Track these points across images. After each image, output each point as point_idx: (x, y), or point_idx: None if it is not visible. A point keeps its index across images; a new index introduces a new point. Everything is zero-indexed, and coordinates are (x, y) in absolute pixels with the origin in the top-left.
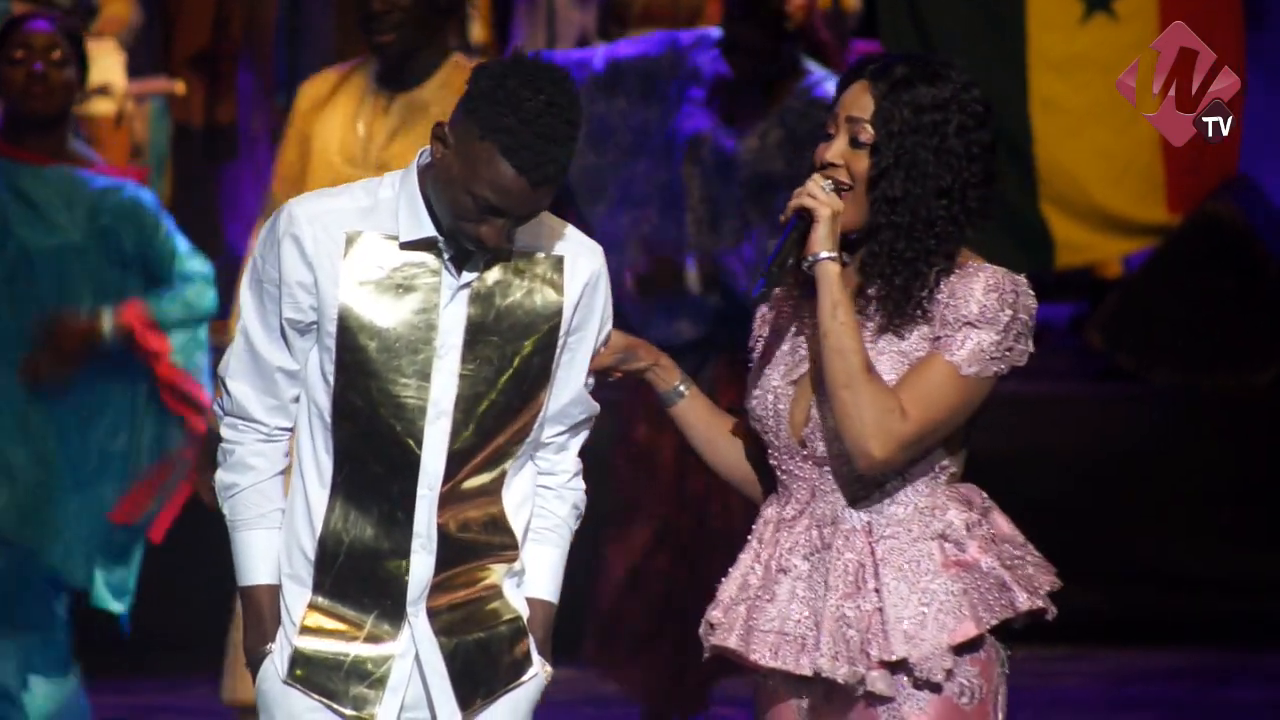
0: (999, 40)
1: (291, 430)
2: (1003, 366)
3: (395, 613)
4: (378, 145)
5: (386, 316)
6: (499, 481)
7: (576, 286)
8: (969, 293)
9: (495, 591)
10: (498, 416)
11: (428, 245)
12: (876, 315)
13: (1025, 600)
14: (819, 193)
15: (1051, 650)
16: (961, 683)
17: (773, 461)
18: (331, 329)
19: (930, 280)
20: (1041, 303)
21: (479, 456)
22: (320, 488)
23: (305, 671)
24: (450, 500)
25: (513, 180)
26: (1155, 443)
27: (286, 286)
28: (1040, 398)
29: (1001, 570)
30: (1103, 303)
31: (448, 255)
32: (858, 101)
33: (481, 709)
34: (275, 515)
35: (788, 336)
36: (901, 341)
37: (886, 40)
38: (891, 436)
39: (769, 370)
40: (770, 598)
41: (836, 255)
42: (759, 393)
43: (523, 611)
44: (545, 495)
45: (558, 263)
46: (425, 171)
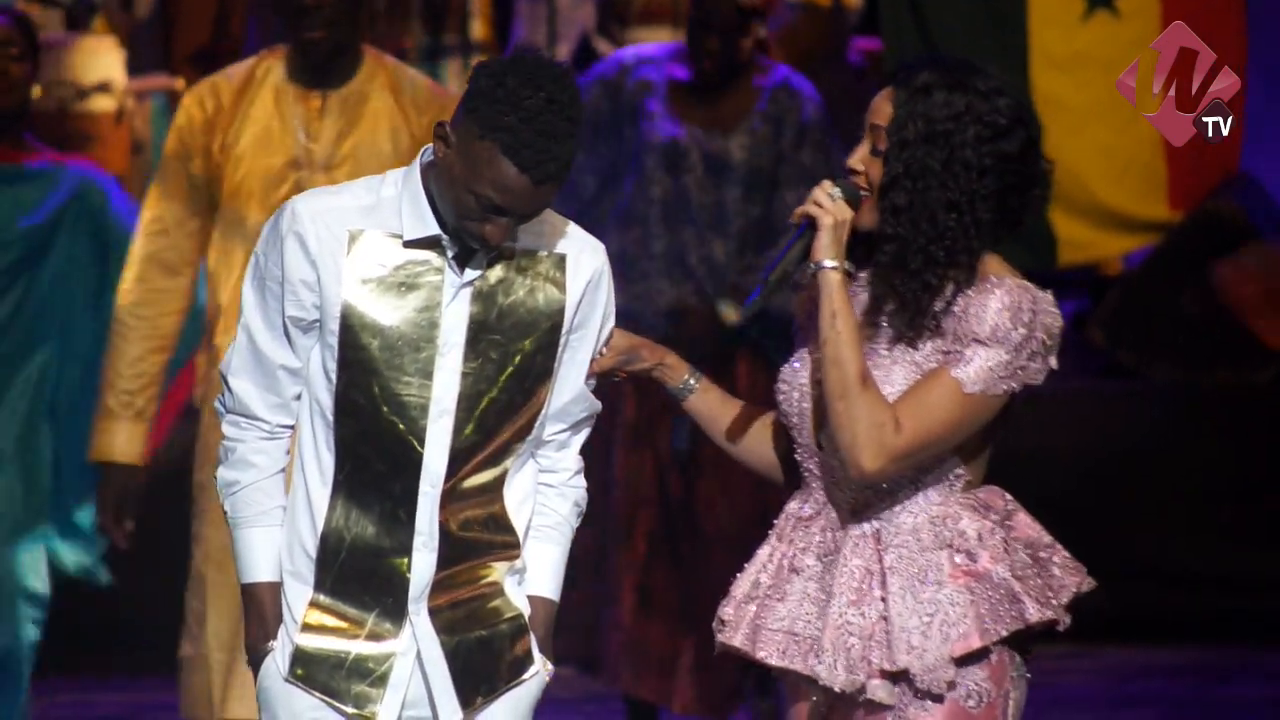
0: (1000, 37)
1: (293, 428)
2: (1014, 385)
3: (397, 611)
4: (325, 147)
5: (389, 314)
6: (500, 480)
7: (579, 285)
8: (983, 309)
9: (496, 589)
10: (499, 414)
11: (431, 244)
12: (892, 324)
13: (1035, 612)
14: (825, 200)
15: (1053, 648)
16: (969, 686)
17: (797, 457)
18: (334, 327)
19: (944, 292)
20: None
21: (481, 454)
22: (322, 486)
23: (307, 669)
24: (452, 498)
25: (515, 179)
26: (1156, 440)
27: (289, 284)
28: (1041, 395)
29: (1013, 581)
30: (1104, 300)
31: (451, 253)
32: (881, 108)
33: (483, 707)
34: (276, 513)
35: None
36: (915, 352)
37: (888, 38)
38: (883, 449)
39: (799, 366)
40: (781, 597)
41: (839, 264)
42: (786, 388)
43: (524, 610)
44: (546, 493)
45: (560, 261)
46: (428, 170)
